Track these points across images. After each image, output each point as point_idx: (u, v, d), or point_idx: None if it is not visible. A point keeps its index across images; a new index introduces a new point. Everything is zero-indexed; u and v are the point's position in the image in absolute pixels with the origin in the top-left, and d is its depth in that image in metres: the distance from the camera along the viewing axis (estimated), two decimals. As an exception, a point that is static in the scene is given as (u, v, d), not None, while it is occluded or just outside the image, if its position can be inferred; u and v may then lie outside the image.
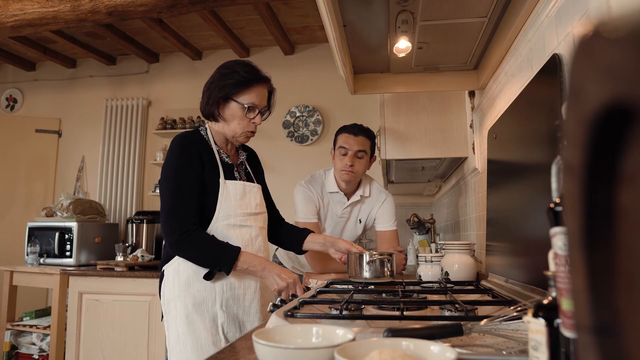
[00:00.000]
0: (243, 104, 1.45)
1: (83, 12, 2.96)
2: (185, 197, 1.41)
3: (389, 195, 2.24)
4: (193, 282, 1.44)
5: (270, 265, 1.44)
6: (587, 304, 0.25)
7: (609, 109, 0.21)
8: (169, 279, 1.46)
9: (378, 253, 1.58)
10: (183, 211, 1.39)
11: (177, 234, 1.38)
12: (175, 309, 1.43)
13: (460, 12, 1.42)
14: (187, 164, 1.42)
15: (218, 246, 1.40)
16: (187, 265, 1.43)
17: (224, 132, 1.51)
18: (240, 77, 1.45)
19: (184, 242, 1.38)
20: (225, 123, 1.49)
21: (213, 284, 1.45)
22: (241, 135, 1.51)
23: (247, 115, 1.47)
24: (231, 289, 1.46)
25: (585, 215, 0.25)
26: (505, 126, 1.49)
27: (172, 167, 1.43)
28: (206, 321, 1.41)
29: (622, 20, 0.19)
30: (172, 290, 1.44)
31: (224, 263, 1.39)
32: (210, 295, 1.44)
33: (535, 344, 0.51)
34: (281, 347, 0.61)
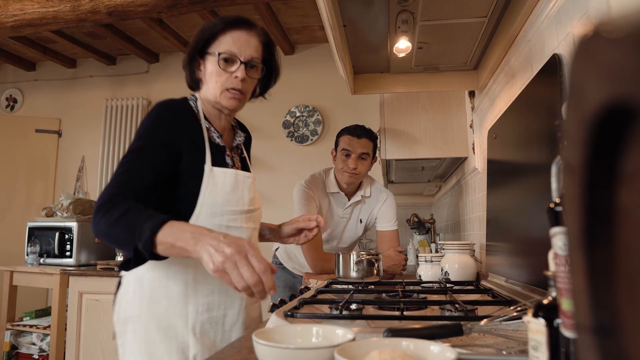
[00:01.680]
0: (215, 52, 1.15)
1: (83, 12, 2.96)
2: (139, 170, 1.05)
3: (390, 195, 2.24)
4: (159, 298, 1.09)
5: (208, 234, 0.89)
6: (587, 304, 0.25)
7: (609, 109, 0.21)
8: (129, 291, 1.12)
9: (365, 253, 1.59)
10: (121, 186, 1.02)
11: (99, 204, 0.99)
12: (133, 331, 1.10)
13: (460, 12, 1.42)
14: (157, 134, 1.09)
15: (135, 216, 0.95)
16: (154, 276, 1.09)
17: (208, 99, 1.21)
18: (212, 25, 1.19)
19: (100, 214, 0.97)
20: (206, 85, 1.19)
21: (186, 302, 1.09)
22: (222, 96, 1.17)
23: (223, 67, 1.15)
24: (208, 310, 1.12)
25: (585, 215, 0.25)
26: (505, 126, 1.49)
27: (133, 142, 1.09)
28: (173, 352, 1.07)
29: (622, 20, 0.19)
30: (132, 307, 1.11)
31: (139, 238, 0.92)
32: (181, 317, 1.09)
33: (535, 344, 0.51)
34: (281, 347, 0.61)
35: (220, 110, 1.21)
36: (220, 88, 1.16)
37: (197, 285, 1.11)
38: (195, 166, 1.12)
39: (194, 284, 1.11)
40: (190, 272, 1.11)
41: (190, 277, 1.11)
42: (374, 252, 1.62)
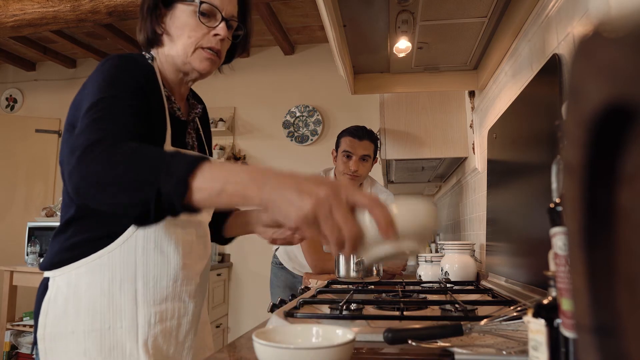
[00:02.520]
0: (195, 0, 0.94)
1: (83, 12, 2.96)
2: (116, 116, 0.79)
3: (390, 195, 2.24)
4: (102, 310, 0.87)
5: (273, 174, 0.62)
6: (587, 304, 0.25)
7: (609, 109, 0.21)
8: (58, 302, 0.88)
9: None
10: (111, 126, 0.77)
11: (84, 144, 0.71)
12: (66, 352, 0.86)
13: (460, 12, 1.42)
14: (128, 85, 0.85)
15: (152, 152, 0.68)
16: (94, 280, 0.86)
17: (173, 60, 0.97)
18: None
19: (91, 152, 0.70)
20: (174, 41, 0.96)
21: (134, 313, 0.88)
22: (196, 56, 0.95)
23: (203, 20, 0.94)
24: (162, 320, 0.90)
25: (585, 215, 0.25)
26: (505, 126, 1.49)
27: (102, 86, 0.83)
28: None
29: (622, 20, 0.19)
30: (64, 321, 0.87)
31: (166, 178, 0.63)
32: (129, 331, 0.87)
33: (535, 344, 0.51)
34: (281, 347, 0.61)
35: (186, 73, 0.99)
36: (194, 45, 0.94)
37: (147, 291, 0.89)
38: (154, 144, 0.86)
39: (143, 290, 0.89)
40: (139, 275, 0.89)
41: (140, 282, 0.89)
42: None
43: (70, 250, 0.89)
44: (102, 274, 0.87)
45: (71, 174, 0.70)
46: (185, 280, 0.94)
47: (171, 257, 0.91)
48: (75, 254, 0.88)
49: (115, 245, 0.88)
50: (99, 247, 0.88)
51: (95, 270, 0.87)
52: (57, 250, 0.90)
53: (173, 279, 0.92)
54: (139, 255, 0.88)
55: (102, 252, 0.87)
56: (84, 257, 0.88)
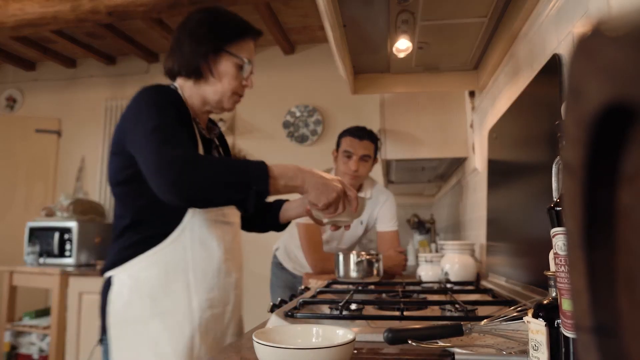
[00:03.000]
0: (241, 57, 1.13)
1: (83, 12, 2.96)
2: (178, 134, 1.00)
3: (391, 195, 2.24)
4: (161, 297, 1.04)
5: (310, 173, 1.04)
6: (587, 304, 0.25)
7: (609, 108, 0.21)
8: (123, 293, 1.05)
9: (365, 253, 1.59)
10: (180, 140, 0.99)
11: (182, 159, 0.93)
12: (135, 334, 1.03)
13: (460, 12, 1.42)
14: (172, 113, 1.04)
15: (237, 161, 1.00)
16: (151, 273, 1.03)
17: (205, 95, 1.14)
18: (236, 24, 1.16)
19: (192, 163, 0.94)
20: (213, 82, 1.13)
21: (189, 300, 1.05)
22: (230, 99, 1.15)
23: (242, 73, 1.14)
24: (211, 307, 1.08)
25: (585, 215, 0.25)
26: (505, 126, 1.49)
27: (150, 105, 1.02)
28: (180, 351, 1.03)
29: (622, 19, 0.19)
30: (131, 309, 1.04)
31: (256, 179, 0.95)
32: (186, 315, 1.04)
33: (535, 344, 0.51)
34: (281, 347, 0.61)
35: (212, 107, 1.18)
36: (231, 91, 1.14)
37: (197, 281, 1.07)
38: None
39: (194, 280, 1.07)
40: (190, 267, 1.06)
41: (190, 273, 1.07)
42: (374, 252, 1.62)
43: (129, 249, 1.06)
44: (158, 267, 1.04)
45: (175, 183, 0.92)
46: (227, 273, 1.12)
47: (214, 252, 1.09)
48: (133, 252, 1.05)
49: (166, 244, 1.05)
50: (153, 245, 1.05)
51: (152, 264, 1.04)
52: (117, 252, 1.08)
53: (217, 271, 1.10)
54: (187, 251, 1.06)
55: (156, 249, 1.05)
56: (141, 254, 1.05)
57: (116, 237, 1.10)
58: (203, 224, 1.08)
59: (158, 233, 1.05)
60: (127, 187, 1.08)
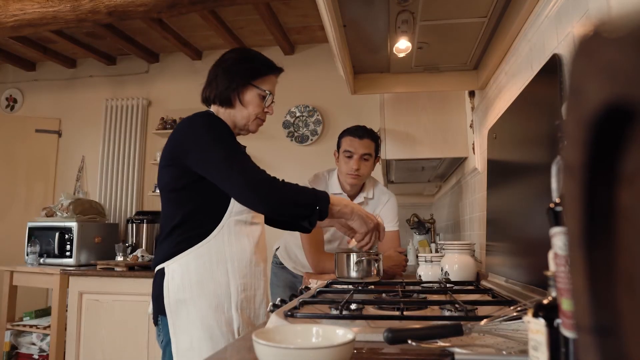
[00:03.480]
0: (265, 90, 1.41)
1: (83, 12, 2.96)
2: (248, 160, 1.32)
3: (392, 196, 2.24)
4: (207, 282, 1.29)
5: (356, 206, 1.39)
6: (587, 304, 0.25)
7: (609, 109, 0.21)
8: (175, 279, 1.30)
9: (366, 253, 1.59)
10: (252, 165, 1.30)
11: (267, 182, 1.26)
12: (187, 312, 1.28)
13: (460, 12, 1.42)
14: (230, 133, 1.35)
15: (305, 188, 1.33)
16: (199, 262, 1.29)
17: (234, 119, 1.43)
18: (262, 63, 1.44)
19: (275, 186, 1.26)
20: (241, 108, 1.41)
21: (228, 284, 1.31)
22: (253, 123, 1.44)
23: (264, 102, 1.43)
24: (245, 290, 1.34)
25: (585, 215, 0.25)
26: (505, 126, 1.49)
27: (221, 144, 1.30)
28: (222, 326, 1.28)
29: (622, 20, 0.19)
30: (183, 291, 1.29)
31: (322, 203, 1.29)
32: (226, 297, 1.30)
33: (535, 344, 0.51)
34: (281, 347, 0.61)
35: (240, 129, 1.46)
36: (254, 116, 1.42)
37: (234, 269, 1.32)
38: None
39: (232, 268, 1.32)
40: (228, 260, 1.32)
41: (229, 263, 1.31)
42: (374, 252, 1.62)
43: (179, 245, 1.31)
44: (203, 257, 1.29)
45: (264, 199, 1.25)
46: (256, 263, 1.37)
47: (246, 246, 1.34)
48: (183, 246, 1.30)
49: (209, 239, 1.30)
50: (199, 240, 1.30)
51: (199, 255, 1.29)
52: (168, 247, 1.32)
53: (249, 261, 1.35)
54: (226, 245, 1.31)
55: (202, 243, 1.30)
56: (189, 247, 1.30)
57: (167, 235, 1.33)
58: (237, 224, 1.33)
59: (203, 231, 1.31)
60: (179, 193, 1.33)
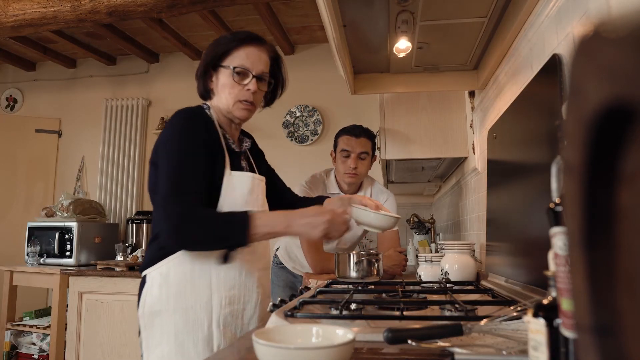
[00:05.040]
0: (229, 66, 1.24)
1: (83, 12, 2.96)
2: (192, 173, 1.15)
3: (391, 195, 2.24)
4: (185, 293, 1.16)
5: (295, 216, 1.15)
6: (587, 304, 0.25)
7: (609, 109, 0.21)
8: (154, 287, 1.18)
9: (365, 253, 1.59)
10: (187, 188, 1.13)
11: (179, 217, 1.10)
12: (161, 325, 1.16)
13: (460, 12, 1.42)
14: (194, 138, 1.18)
15: (224, 217, 1.14)
16: (179, 271, 1.16)
17: (220, 109, 1.29)
18: (226, 41, 1.28)
19: (187, 223, 1.10)
20: (219, 96, 1.27)
21: (210, 297, 1.18)
22: (235, 107, 1.25)
23: (236, 80, 1.24)
24: (230, 304, 1.20)
25: (585, 215, 0.25)
26: (505, 126, 1.49)
27: (175, 141, 1.18)
28: (199, 343, 1.15)
29: (622, 20, 0.19)
30: (159, 302, 1.17)
31: (236, 234, 1.10)
32: (206, 311, 1.17)
33: (535, 344, 0.51)
34: (281, 347, 0.61)
35: (231, 119, 1.30)
36: (233, 99, 1.25)
37: (219, 280, 1.19)
38: (217, 171, 1.21)
39: (217, 279, 1.19)
40: (213, 268, 1.19)
41: (213, 273, 1.19)
42: (374, 252, 1.62)
43: (161, 250, 1.19)
44: (184, 265, 1.17)
45: (174, 232, 1.10)
46: (248, 273, 1.24)
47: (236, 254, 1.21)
48: (165, 252, 1.18)
49: None
50: None
51: (180, 263, 1.17)
52: (151, 252, 1.21)
53: (238, 271, 1.22)
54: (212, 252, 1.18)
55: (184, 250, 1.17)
56: (172, 254, 1.17)
57: (153, 239, 1.24)
58: None
59: None
60: None
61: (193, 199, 1.12)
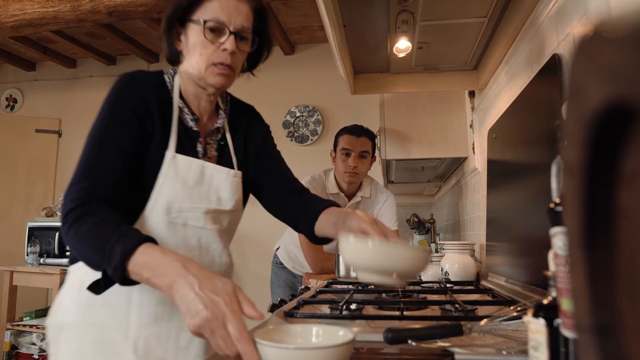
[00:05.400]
0: (200, 20, 0.96)
1: (83, 12, 2.96)
2: (102, 160, 0.90)
3: (391, 195, 2.24)
4: (98, 305, 0.89)
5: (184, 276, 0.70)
6: (587, 304, 0.25)
7: (609, 108, 0.21)
8: (66, 295, 0.95)
9: None
10: (90, 181, 0.87)
11: (64, 218, 0.84)
12: (66, 341, 0.92)
13: (460, 12, 1.42)
14: (120, 112, 0.93)
15: (106, 232, 0.79)
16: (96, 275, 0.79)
17: (190, 75, 1.01)
18: None
19: (68, 223, 0.82)
20: (189, 58, 1.00)
21: (127, 312, 0.90)
22: (208, 72, 0.97)
23: (209, 38, 0.95)
24: (156, 322, 0.91)
25: (585, 215, 0.25)
26: (505, 126, 1.49)
27: (97, 120, 0.93)
28: None
29: (622, 20, 0.19)
30: (68, 312, 0.93)
31: (108, 262, 0.75)
32: (120, 330, 0.90)
33: (535, 344, 0.51)
34: (281, 347, 0.61)
35: (204, 88, 1.02)
36: (205, 62, 0.97)
37: (143, 291, 0.90)
38: (156, 152, 0.95)
39: (139, 289, 0.90)
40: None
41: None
42: None
43: None
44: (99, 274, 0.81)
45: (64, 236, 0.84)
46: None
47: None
48: None
49: None
50: None
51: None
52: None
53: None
54: None
55: None
56: None
57: None
58: (159, 224, 0.93)
59: None
60: None
61: (92, 194, 0.85)
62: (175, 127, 0.98)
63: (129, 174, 0.92)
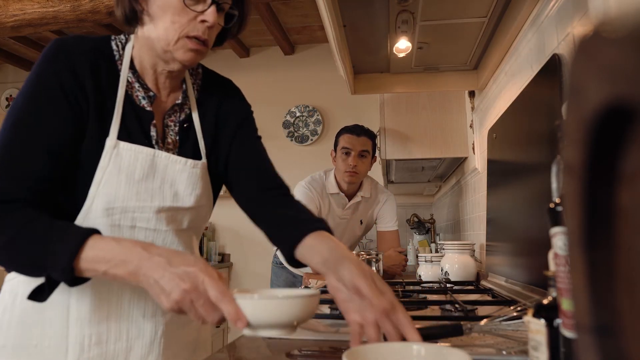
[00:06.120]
0: None
1: (83, 12, 2.96)
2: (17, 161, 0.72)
3: (391, 195, 2.24)
4: (31, 323, 0.76)
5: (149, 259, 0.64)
6: (587, 304, 0.25)
7: (609, 109, 0.21)
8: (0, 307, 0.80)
9: (365, 253, 1.59)
10: (4, 182, 0.70)
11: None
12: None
13: (460, 12, 1.42)
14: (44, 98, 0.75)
15: (39, 233, 0.67)
16: (27, 289, 0.69)
17: (152, 44, 0.81)
18: None
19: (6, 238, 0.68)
20: (155, 25, 0.79)
21: (65, 332, 0.76)
22: (179, 46, 0.79)
23: (188, 3, 0.77)
24: (99, 343, 0.77)
25: (585, 215, 0.25)
26: (505, 126, 1.49)
27: (16, 101, 0.76)
28: None
29: (622, 20, 0.19)
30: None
31: (53, 267, 0.65)
32: (58, 352, 0.76)
33: (535, 344, 0.51)
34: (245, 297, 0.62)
35: (166, 62, 0.83)
36: (178, 33, 0.78)
37: (82, 307, 0.77)
38: (93, 140, 0.77)
39: (77, 305, 0.77)
40: (72, 290, 0.75)
41: (73, 296, 0.77)
42: (374, 252, 1.62)
43: None
44: (37, 282, 0.69)
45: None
46: (135, 297, 0.80)
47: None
48: None
49: None
50: None
51: (32, 279, 0.71)
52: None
53: (117, 295, 0.79)
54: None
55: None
56: None
57: None
58: (103, 226, 0.76)
59: None
60: None
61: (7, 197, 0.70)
62: (120, 108, 0.80)
63: (57, 170, 0.74)
